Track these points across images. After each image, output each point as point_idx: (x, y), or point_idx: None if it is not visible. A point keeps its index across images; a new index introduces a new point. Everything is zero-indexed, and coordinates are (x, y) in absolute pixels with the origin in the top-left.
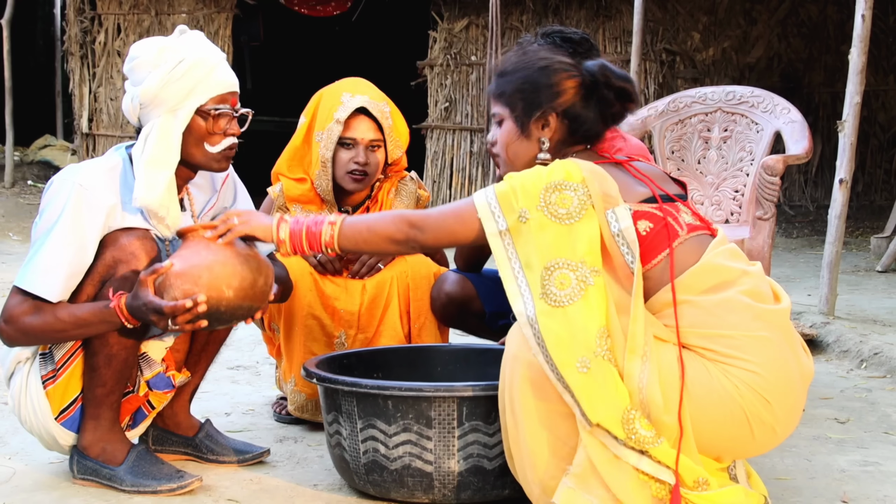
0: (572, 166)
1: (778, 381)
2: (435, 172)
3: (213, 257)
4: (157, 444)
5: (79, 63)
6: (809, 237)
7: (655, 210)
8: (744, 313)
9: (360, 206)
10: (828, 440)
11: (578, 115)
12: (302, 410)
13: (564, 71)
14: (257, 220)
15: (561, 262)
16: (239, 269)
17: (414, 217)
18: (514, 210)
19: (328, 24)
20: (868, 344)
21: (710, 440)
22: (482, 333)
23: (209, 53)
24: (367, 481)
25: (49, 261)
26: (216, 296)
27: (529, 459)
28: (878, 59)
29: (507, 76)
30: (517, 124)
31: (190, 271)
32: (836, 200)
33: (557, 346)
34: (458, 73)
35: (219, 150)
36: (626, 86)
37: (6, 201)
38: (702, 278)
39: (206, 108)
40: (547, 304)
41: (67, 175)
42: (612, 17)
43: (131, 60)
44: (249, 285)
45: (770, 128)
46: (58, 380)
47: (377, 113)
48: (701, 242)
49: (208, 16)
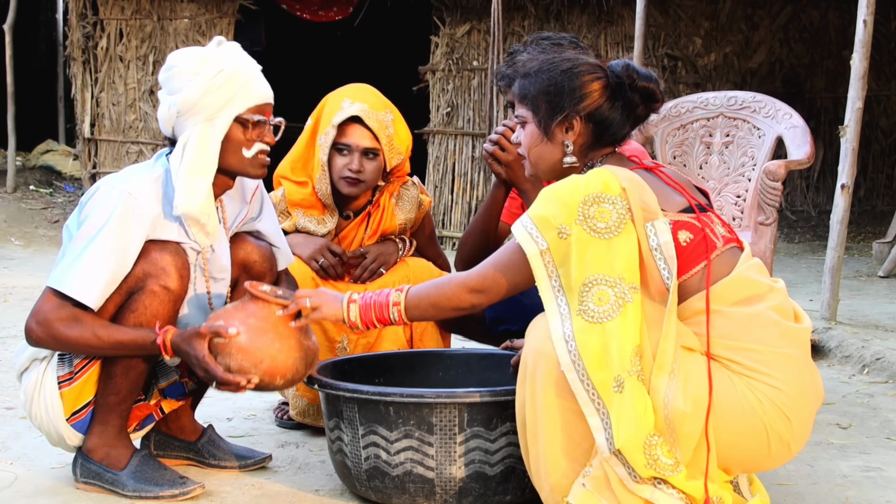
0: (609, 177)
1: (799, 400)
2: (437, 177)
3: (279, 346)
4: (158, 449)
5: (81, 68)
6: (811, 242)
7: (694, 220)
8: (772, 329)
9: (362, 211)
10: (830, 445)
11: (604, 118)
12: (304, 415)
13: (589, 73)
14: (329, 305)
15: (599, 278)
16: (297, 364)
17: (472, 282)
18: (553, 227)
19: (330, 29)
20: (870, 349)
21: (727, 452)
22: (483, 338)
23: (247, 64)
24: (368, 487)
25: (92, 266)
26: (268, 381)
27: (544, 457)
28: (879, 64)
29: (530, 77)
30: (540, 128)
31: (254, 352)
32: (838, 205)
33: (596, 365)
34: (460, 78)
35: (252, 153)
36: (651, 86)
37: (8, 206)
38: (733, 290)
39: (244, 117)
40: (584, 321)
41: (116, 182)
42: (614, 23)
43: (169, 69)
44: (299, 377)
45: (772, 133)
46: (74, 382)
47: (373, 122)
48: (733, 255)
49: (210, 21)
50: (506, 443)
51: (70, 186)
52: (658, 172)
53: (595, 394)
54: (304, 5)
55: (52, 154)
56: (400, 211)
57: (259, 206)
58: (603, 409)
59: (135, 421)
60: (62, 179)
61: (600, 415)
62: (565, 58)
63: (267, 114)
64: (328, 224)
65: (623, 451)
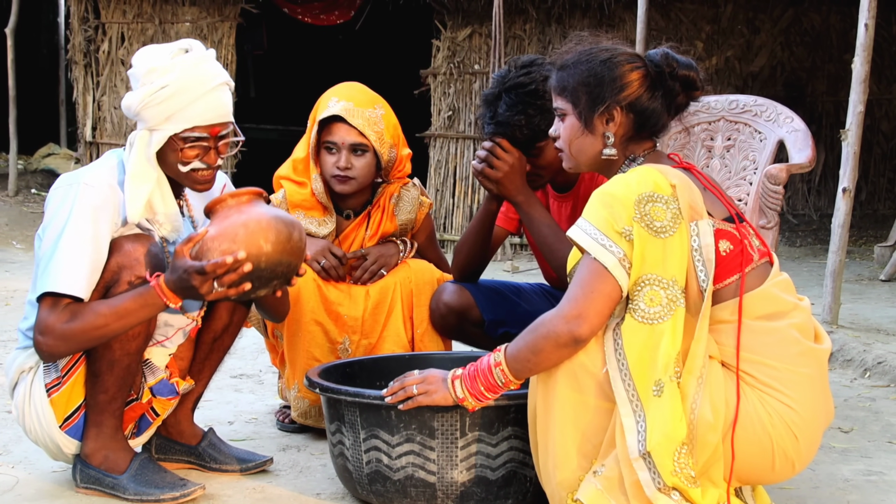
0: (658, 176)
1: (809, 421)
2: (438, 181)
3: (247, 216)
4: (160, 453)
5: (82, 72)
6: (813, 246)
7: (734, 231)
8: (791, 347)
9: (362, 212)
10: (831, 450)
11: (644, 108)
12: (305, 417)
13: (628, 62)
14: (438, 389)
15: (652, 278)
16: (273, 223)
17: (564, 310)
18: (618, 232)
19: (331, 32)
20: (871, 353)
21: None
22: (483, 343)
23: (196, 82)
24: (370, 491)
25: (69, 260)
26: (255, 251)
27: (554, 451)
28: (881, 68)
29: (568, 69)
30: (581, 119)
31: (226, 231)
32: (840, 209)
33: (640, 365)
34: (462, 82)
35: (186, 170)
36: (691, 74)
37: (10, 210)
38: (759, 304)
39: (179, 136)
40: (633, 319)
41: (69, 179)
42: (616, 26)
43: (131, 68)
44: (286, 238)
45: (773, 137)
46: (62, 387)
47: (357, 120)
48: (765, 270)
49: (212, 24)
50: (507, 447)
51: None
52: (696, 174)
53: (635, 394)
54: (306, 9)
55: (53, 158)
56: (400, 212)
57: None
58: (640, 411)
59: (129, 423)
60: None
61: (636, 416)
62: (603, 48)
63: (214, 132)
64: (329, 225)
65: (653, 453)
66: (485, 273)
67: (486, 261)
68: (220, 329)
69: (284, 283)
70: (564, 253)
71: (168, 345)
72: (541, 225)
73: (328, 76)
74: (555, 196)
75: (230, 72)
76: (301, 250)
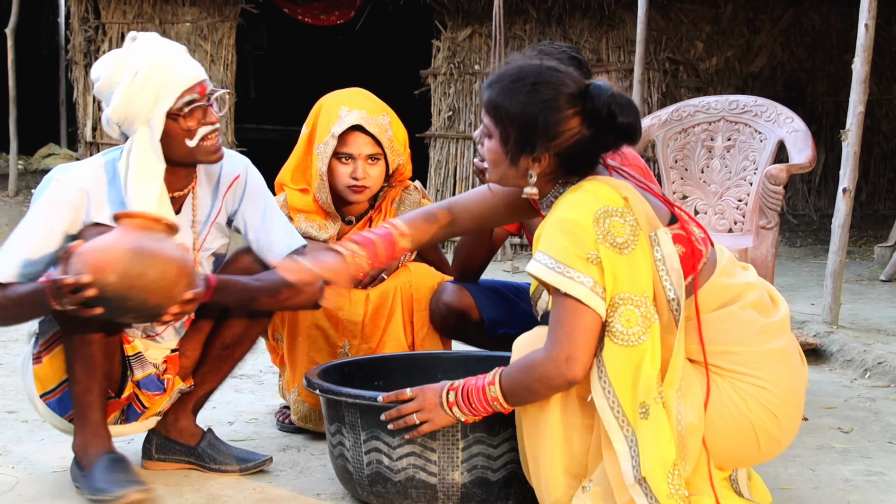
0: (607, 190)
1: (785, 396)
2: (438, 181)
3: (110, 242)
4: (160, 453)
5: (83, 72)
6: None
7: (681, 231)
8: (748, 328)
9: (364, 217)
10: (831, 450)
11: (574, 155)
12: (305, 420)
13: (569, 108)
14: (436, 413)
15: (624, 297)
16: (127, 256)
17: (556, 355)
18: (583, 258)
19: (332, 32)
20: (872, 353)
21: (717, 452)
22: (483, 343)
23: (162, 54)
24: (370, 492)
25: (10, 246)
26: (101, 279)
27: (545, 474)
28: (881, 68)
29: (504, 94)
30: (506, 154)
31: (85, 251)
32: (840, 210)
33: (625, 389)
34: (462, 83)
35: (196, 142)
36: (631, 122)
37: (10, 210)
38: (712, 297)
39: (175, 110)
40: (613, 343)
41: (51, 174)
42: (616, 27)
43: (95, 83)
44: (136, 275)
45: (773, 137)
46: (41, 361)
47: (375, 128)
48: (712, 259)
49: (212, 24)
50: (508, 448)
51: None
52: (625, 175)
53: (625, 420)
54: (306, 9)
55: (53, 158)
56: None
57: (239, 196)
58: (632, 436)
59: (114, 412)
60: None
61: (628, 442)
62: (546, 80)
63: (200, 91)
64: (330, 230)
65: (649, 479)
66: (485, 273)
67: (486, 261)
68: (229, 339)
69: (147, 319)
70: None
71: (160, 340)
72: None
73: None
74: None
75: (230, 72)
76: (161, 290)
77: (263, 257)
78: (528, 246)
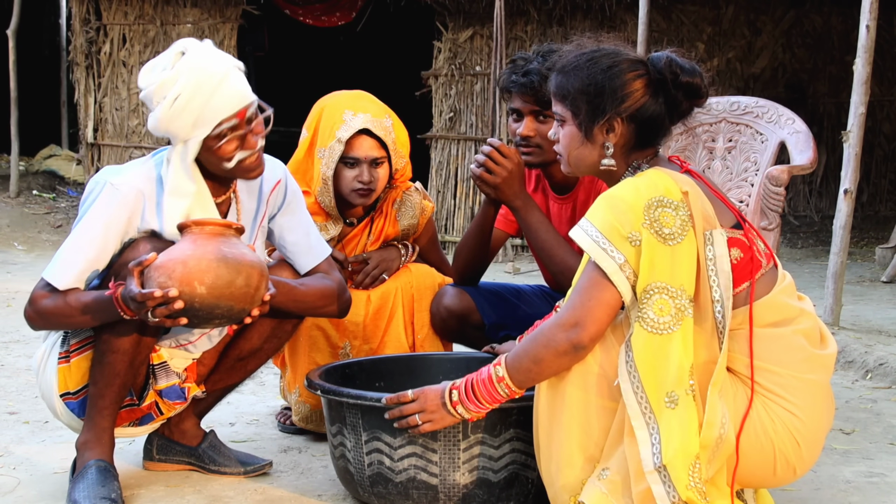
0: (668, 181)
1: (813, 427)
2: (439, 182)
3: (192, 253)
4: (161, 454)
5: (84, 73)
6: (814, 248)
7: (743, 237)
8: (796, 353)
9: (365, 218)
10: (833, 451)
11: (646, 118)
12: (306, 421)
13: (631, 70)
14: (439, 413)
15: (660, 286)
16: (214, 266)
17: (562, 318)
18: (623, 237)
19: (333, 34)
20: (873, 354)
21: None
22: (484, 346)
23: (206, 79)
24: (371, 493)
25: (67, 251)
26: (189, 291)
27: (558, 452)
28: (882, 69)
29: (568, 74)
30: (581, 129)
31: (166, 264)
32: (841, 211)
33: (651, 377)
34: (463, 84)
35: (232, 165)
36: (695, 80)
37: (11, 211)
38: (768, 312)
39: (212, 136)
40: (643, 329)
41: (100, 177)
42: (617, 28)
43: (141, 90)
44: (225, 284)
45: (774, 138)
46: (69, 362)
47: (380, 131)
48: (772, 274)
49: (213, 26)
50: (509, 449)
51: (73, 191)
52: (699, 178)
53: (648, 407)
54: (307, 10)
55: (55, 159)
56: (403, 217)
57: (280, 201)
58: (654, 423)
59: (129, 420)
60: (65, 184)
61: (649, 429)
62: (605, 52)
63: (241, 116)
64: (331, 231)
65: (669, 467)
66: (486, 274)
67: (485, 264)
68: (246, 351)
69: (230, 322)
70: (562, 258)
71: (192, 349)
72: (538, 230)
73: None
74: (555, 198)
75: None
76: (247, 296)
77: (296, 261)
78: (529, 247)
